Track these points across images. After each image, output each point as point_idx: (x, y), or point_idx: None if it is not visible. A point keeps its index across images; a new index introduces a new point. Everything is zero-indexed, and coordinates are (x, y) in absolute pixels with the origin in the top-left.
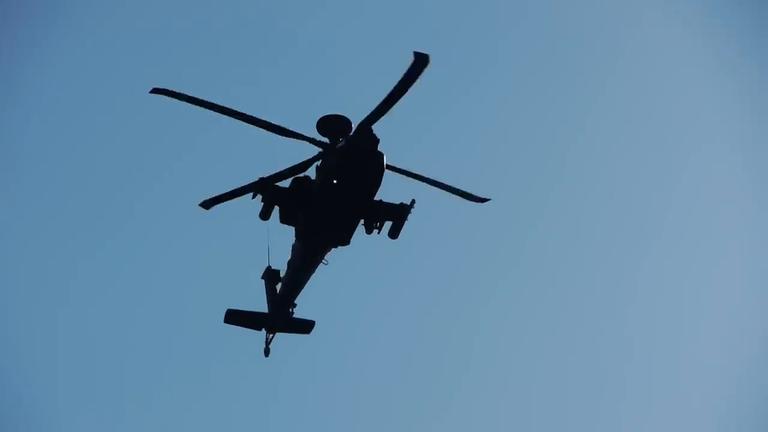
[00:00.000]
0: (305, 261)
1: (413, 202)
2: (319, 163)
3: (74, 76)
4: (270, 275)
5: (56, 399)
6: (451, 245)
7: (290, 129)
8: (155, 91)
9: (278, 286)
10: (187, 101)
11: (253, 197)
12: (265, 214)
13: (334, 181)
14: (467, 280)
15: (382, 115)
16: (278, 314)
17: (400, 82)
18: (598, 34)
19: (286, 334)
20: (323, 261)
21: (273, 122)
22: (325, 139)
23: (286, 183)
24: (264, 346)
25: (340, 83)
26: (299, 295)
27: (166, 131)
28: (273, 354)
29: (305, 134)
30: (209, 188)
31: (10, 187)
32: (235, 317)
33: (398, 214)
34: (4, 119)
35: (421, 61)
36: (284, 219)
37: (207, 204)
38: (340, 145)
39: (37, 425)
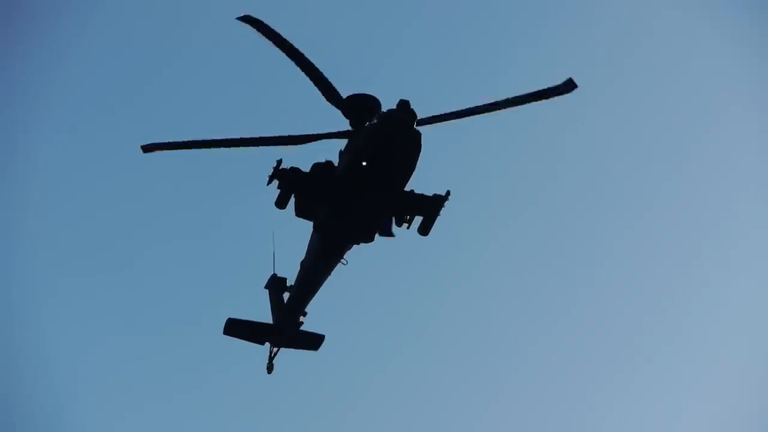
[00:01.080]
0: (322, 260)
1: (448, 193)
2: (343, 147)
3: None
4: (275, 284)
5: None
6: (487, 242)
7: (306, 134)
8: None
9: (285, 296)
10: (182, 148)
11: (269, 183)
12: (282, 202)
13: (363, 163)
14: (507, 285)
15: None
16: (285, 323)
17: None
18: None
19: (293, 350)
20: (342, 260)
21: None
22: (348, 128)
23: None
24: (267, 361)
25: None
26: (311, 301)
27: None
28: (277, 371)
29: (323, 132)
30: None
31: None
32: (236, 328)
33: (431, 206)
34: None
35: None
36: (301, 210)
37: (148, 147)
38: (372, 121)
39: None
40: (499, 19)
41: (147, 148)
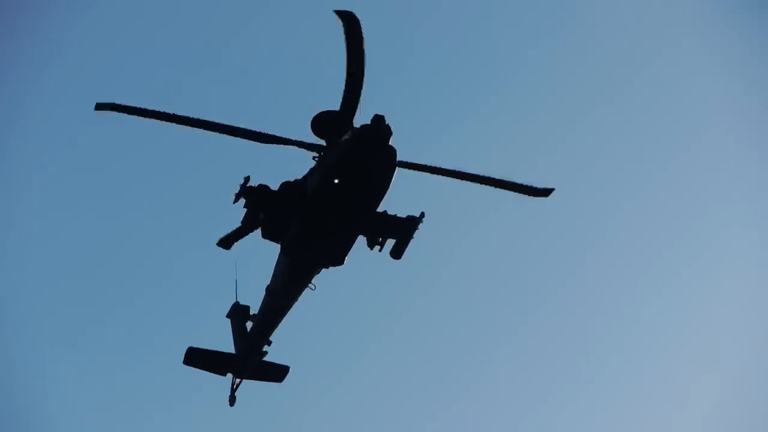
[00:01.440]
0: (289, 284)
1: (422, 215)
2: (313, 166)
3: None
4: (238, 312)
5: None
6: (460, 267)
7: (278, 135)
8: (99, 107)
9: (249, 325)
10: (142, 115)
11: (236, 201)
12: (248, 222)
13: (335, 181)
14: (480, 314)
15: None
16: (248, 353)
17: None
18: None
19: (256, 381)
20: (310, 285)
21: (255, 130)
22: (321, 141)
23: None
24: (229, 393)
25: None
26: (276, 329)
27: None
28: (239, 403)
29: (295, 139)
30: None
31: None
32: (197, 357)
33: (405, 228)
34: None
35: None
36: (269, 232)
37: (226, 243)
38: (345, 137)
39: None
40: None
41: (100, 106)
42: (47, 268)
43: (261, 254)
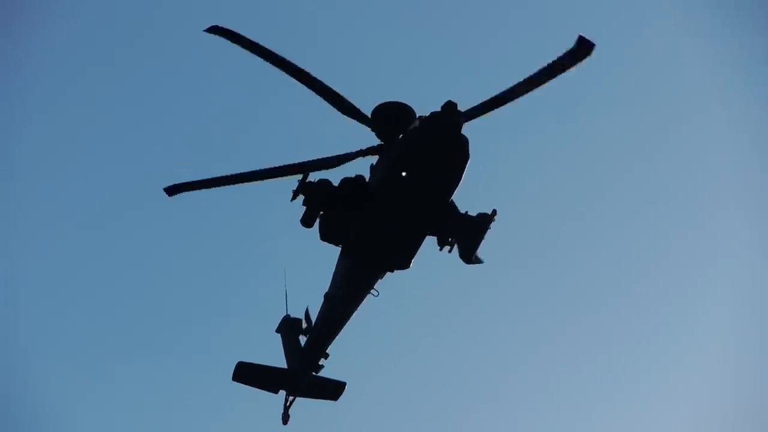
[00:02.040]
0: (350, 290)
1: (494, 212)
2: (374, 161)
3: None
4: (289, 326)
5: None
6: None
7: (329, 157)
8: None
9: (301, 339)
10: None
11: (293, 198)
12: (308, 220)
13: (403, 174)
14: (568, 317)
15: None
16: (303, 367)
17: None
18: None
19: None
20: (372, 291)
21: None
22: (378, 141)
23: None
24: (282, 411)
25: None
26: (334, 340)
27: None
28: (293, 421)
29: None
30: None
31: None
32: (247, 373)
33: (475, 227)
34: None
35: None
36: (328, 233)
37: (171, 190)
38: (413, 125)
39: None
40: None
41: (171, 191)
42: (104, 281)
43: (313, 261)
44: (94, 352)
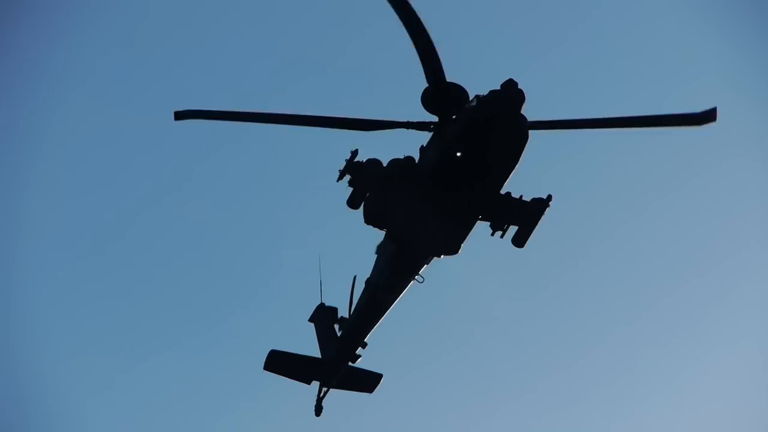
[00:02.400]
0: (394, 276)
1: (550, 198)
2: (424, 143)
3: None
4: (324, 315)
5: None
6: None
7: (377, 119)
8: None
9: (337, 329)
10: (219, 118)
11: (339, 179)
12: (355, 201)
13: (457, 155)
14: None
15: None
16: (339, 356)
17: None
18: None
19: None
20: (417, 277)
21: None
22: (433, 118)
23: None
24: (315, 402)
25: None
26: (374, 329)
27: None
28: (326, 412)
29: (401, 120)
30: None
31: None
32: (280, 362)
33: (530, 213)
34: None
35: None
36: (373, 216)
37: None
38: (471, 104)
39: None
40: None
41: (179, 115)
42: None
43: (351, 248)
44: (128, 343)
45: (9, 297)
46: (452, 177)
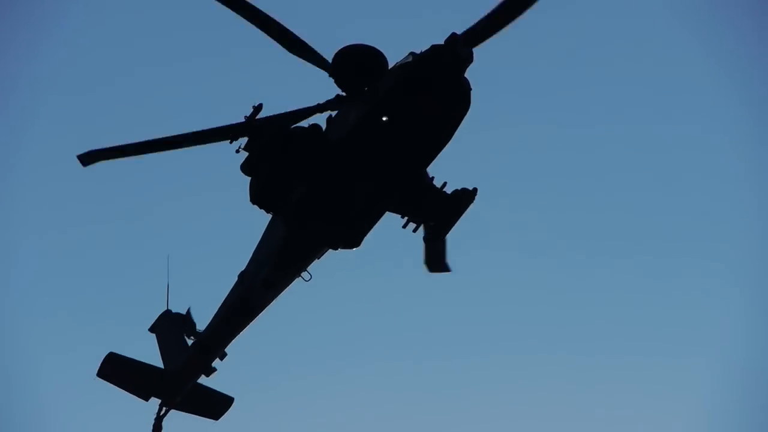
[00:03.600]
0: (277, 269)
1: (475, 191)
2: (333, 114)
3: None
4: (170, 323)
5: None
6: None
7: (282, 113)
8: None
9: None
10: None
11: (232, 141)
12: (250, 166)
13: (383, 119)
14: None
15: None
16: (190, 367)
17: None
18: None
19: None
20: (304, 274)
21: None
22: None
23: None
24: (153, 422)
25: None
26: (240, 334)
27: None
28: None
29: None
30: None
31: None
32: (117, 368)
33: (452, 205)
34: None
35: None
36: (263, 192)
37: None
38: (403, 61)
39: None
40: None
41: (86, 159)
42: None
43: (204, 241)
44: None
45: None
46: (371, 148)
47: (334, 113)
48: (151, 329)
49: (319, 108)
